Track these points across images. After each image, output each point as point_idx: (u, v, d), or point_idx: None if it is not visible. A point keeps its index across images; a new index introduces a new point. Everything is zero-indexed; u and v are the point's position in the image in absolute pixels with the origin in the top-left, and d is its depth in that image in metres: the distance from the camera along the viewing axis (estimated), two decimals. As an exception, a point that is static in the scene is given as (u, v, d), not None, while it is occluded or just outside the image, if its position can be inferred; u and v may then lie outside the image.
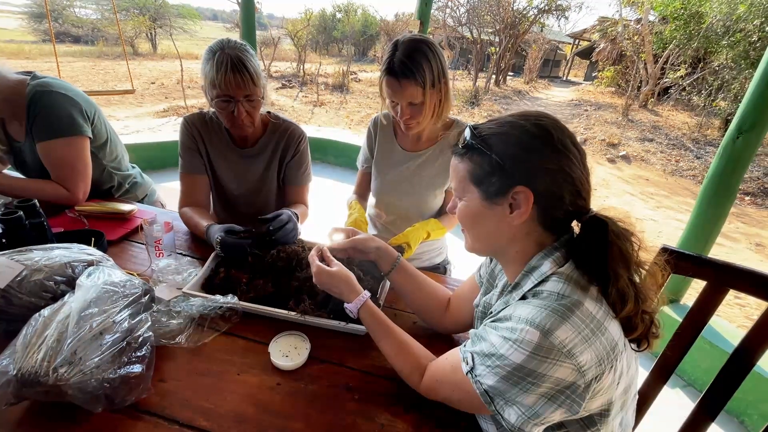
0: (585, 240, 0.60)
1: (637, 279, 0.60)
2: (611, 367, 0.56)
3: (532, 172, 0.60)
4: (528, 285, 0.63)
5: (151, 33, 18.39)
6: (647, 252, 0.61)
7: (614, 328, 0.57)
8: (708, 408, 0.90)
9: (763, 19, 6.87)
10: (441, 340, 0.94)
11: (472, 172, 0.64)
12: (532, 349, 0.54)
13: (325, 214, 2.60)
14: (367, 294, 0.82)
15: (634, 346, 0.61)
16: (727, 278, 0.87)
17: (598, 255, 0.58)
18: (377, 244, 0.95)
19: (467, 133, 0.65)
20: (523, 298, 0.62)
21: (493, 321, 0.64)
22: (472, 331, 0.69)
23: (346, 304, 0.83)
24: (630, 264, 0.59)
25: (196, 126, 1.31)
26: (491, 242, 0.68)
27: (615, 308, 0.58)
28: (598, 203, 0.65)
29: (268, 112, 1.38)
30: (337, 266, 0.85)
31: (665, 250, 0.92)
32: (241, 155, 1.35)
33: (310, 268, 0.87)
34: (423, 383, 0.73)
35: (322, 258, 0.89)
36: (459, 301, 0.92)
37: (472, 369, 0.62)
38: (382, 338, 0.79)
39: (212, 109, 1.34)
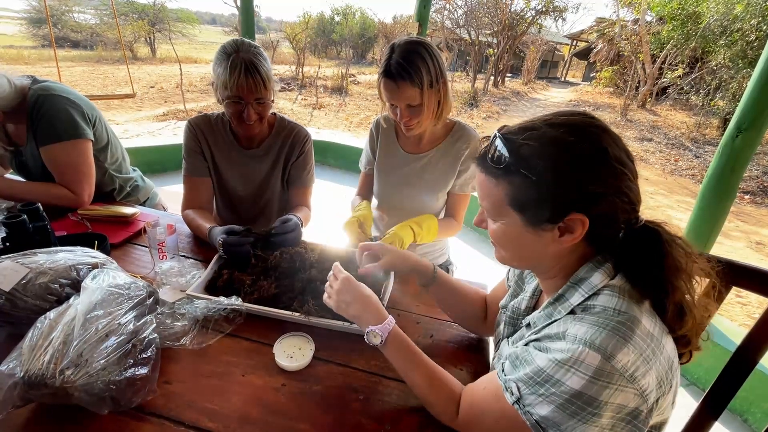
0: (636, 250, 0.55)
1: (696, 288, 0.56)
2: (670, 387, 0.52)
3: (588, 198, 0.53)
4: (576, 298, 0.57)
5: (149, 37, 18.43)
6: (697, 259, 0.56)
7: (669, 344, 0.54)
8: (711, 407, 0.90)
9: (760, 18, 6.91)
10: (442, 344, 0.94)
11: (512, 196, 0.57)
12: (592, 373, 0.48)
13: (325, 216, 2.60)
14: (392, 320, 0.73)
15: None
16: (730, 276, 0.87)
17: (653, 267, 0.54)
18: (412, 263, 0.90)
19: (502, 149, 0.56)
20: (571, 312, 0.57)
21: (536, 340, 0.58)
22: (508, 351, 0.62)
23: (367, 331, 0.72)
24: (689, 274, 0.54)
25: (200, 128, 1.32)
26: (533, 261, 0.64)
27: (672, 324, 0.54)
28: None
29: (274, 114, 1.38)
30: (367, 290, 0.77)
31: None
32: (246, 156, 1.36)
33: (333, 281, 0.80)
34: (461, 416, 0.65)
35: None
36: (495, 306, 0.87)
37: (519, 399, 0.55)
38: (411, 369, 0.69)
39: (216, 111, 1.35)
